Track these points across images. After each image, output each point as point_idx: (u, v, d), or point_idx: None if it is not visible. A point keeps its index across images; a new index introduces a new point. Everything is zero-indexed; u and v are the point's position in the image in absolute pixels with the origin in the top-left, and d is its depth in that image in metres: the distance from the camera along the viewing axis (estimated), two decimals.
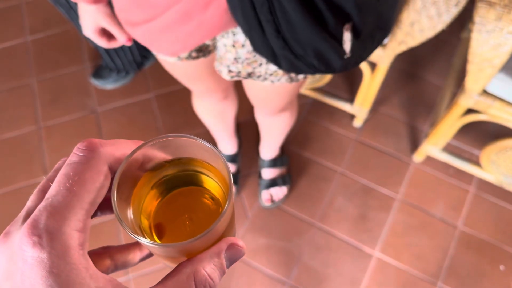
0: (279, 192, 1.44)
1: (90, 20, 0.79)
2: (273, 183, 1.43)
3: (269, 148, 1.40)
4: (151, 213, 0.30)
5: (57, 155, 1.57)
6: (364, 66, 1.29)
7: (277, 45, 0.62)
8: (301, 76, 0.80)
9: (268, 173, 1.44)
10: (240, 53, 0.74)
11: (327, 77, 1.44)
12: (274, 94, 0.89)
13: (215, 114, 1.20)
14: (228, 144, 1.41)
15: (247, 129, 1.57)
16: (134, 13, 0.71)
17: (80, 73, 1.74)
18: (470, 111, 1.20)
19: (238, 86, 1.14)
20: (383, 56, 1.18)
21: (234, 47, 0.73)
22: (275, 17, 0.59)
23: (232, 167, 1.47)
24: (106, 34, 0.83)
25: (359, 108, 1.51)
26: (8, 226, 0.24)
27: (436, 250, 1.39)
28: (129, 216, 0.27)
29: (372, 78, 1.32)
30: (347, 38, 0.62)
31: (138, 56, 1.66)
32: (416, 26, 1.02)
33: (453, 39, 1.75)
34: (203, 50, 0.79)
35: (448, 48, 1.75)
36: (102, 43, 0.83)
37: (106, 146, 0.25)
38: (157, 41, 0.74)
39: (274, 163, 1.44)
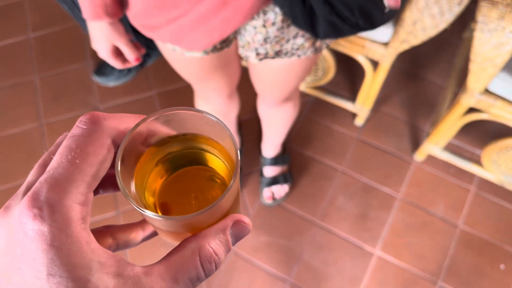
0: (281, 190, 1.44)
1: (104, 40, 0.78)
2: (274, 181, 1.43)
3: (271, 145, 1.40)
4: (156, 192, 0.29)
5: None
6: (366, 64, 1.29)
7: (324, 11, 0.65)
8: (324, 45, 0.83)
9: (269, 171, 1.44)
10: (270, 32, 0.74)
11: (329, 76, 1.44)
12: (287, 72, 0.90)
13: (219, 117, 1.20)
14: None
15: (249, 128, 1.57)
16: (156, 16, 0.70)
17: (82, 70, 1.74)
18: (471, 110, 1.21)
19: (239, 87, 1.14)
20: (385, 55, 1.18)
21: (265, 27, 0.73)
22: None
23: None
24: (120, 55, 0.83)
25: (361, 107, 1.52)
26: (8, 200, 0.23)
27: (437, 249, 1.40)
28: (133, 191, 0.26)
29: (374, 77, 1.33)
30: None
31: None
32: (418, 25, 1.02)
33: (455, 39, 1.75)
34: (226, 40, 0.79)
35: (450, 48, 1.75)
36: (117, 64, 0.83)
37: (110, 119, 0.24)
38: (188, 37, 0.73)
39: (275, 161, 1.44)
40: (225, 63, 0.88)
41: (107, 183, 0.27)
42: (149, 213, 0.23)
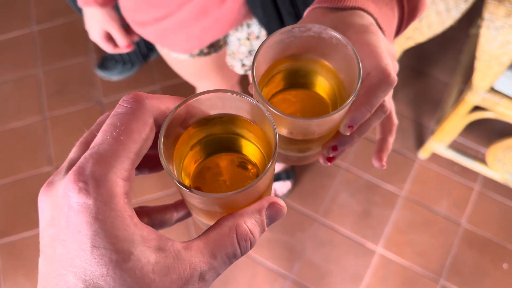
0: (283, 186, 1.43)
1: (97, 25, 0.79)
2: (277, 177, 1.43)
3: None
4: (190, 175, 0.30)
5: (62, 145, 1.57)
6: None
7: None
8: None
9: None
10: (254, 46, 0.74)
11: None
12: None
13: None
14: None
15: None
16: (144, 12, 0.71)
17: (85, 64, 1.74)
18: (477, 108, 1.19)
19: (241, 84, 1.13)
20: None
21: (248, 39, 0.73)
22: (296, 10, 0.61)
23: None
24: (112, 39, 0.83)
25: None
26: (51, 177, 0.24)
27: (439, 247, 1.39)
28: (172, 171, 0.27)
29: None
30: None
31: (144, 48, 1.66)
32: (424, 21, 1.01)
33: (461, 36, 1.73)
34: (215, 46, 0.79)
35: (456, 45, 1.73)
36: (108, 48, 0.83)
37: (152, 99, 0.25)
38: (171, 39, 0.74)
39: None
40: (218, 65, 0.88)
41: (143, 164, 0.28)
42: (193, 191, 0.23)
